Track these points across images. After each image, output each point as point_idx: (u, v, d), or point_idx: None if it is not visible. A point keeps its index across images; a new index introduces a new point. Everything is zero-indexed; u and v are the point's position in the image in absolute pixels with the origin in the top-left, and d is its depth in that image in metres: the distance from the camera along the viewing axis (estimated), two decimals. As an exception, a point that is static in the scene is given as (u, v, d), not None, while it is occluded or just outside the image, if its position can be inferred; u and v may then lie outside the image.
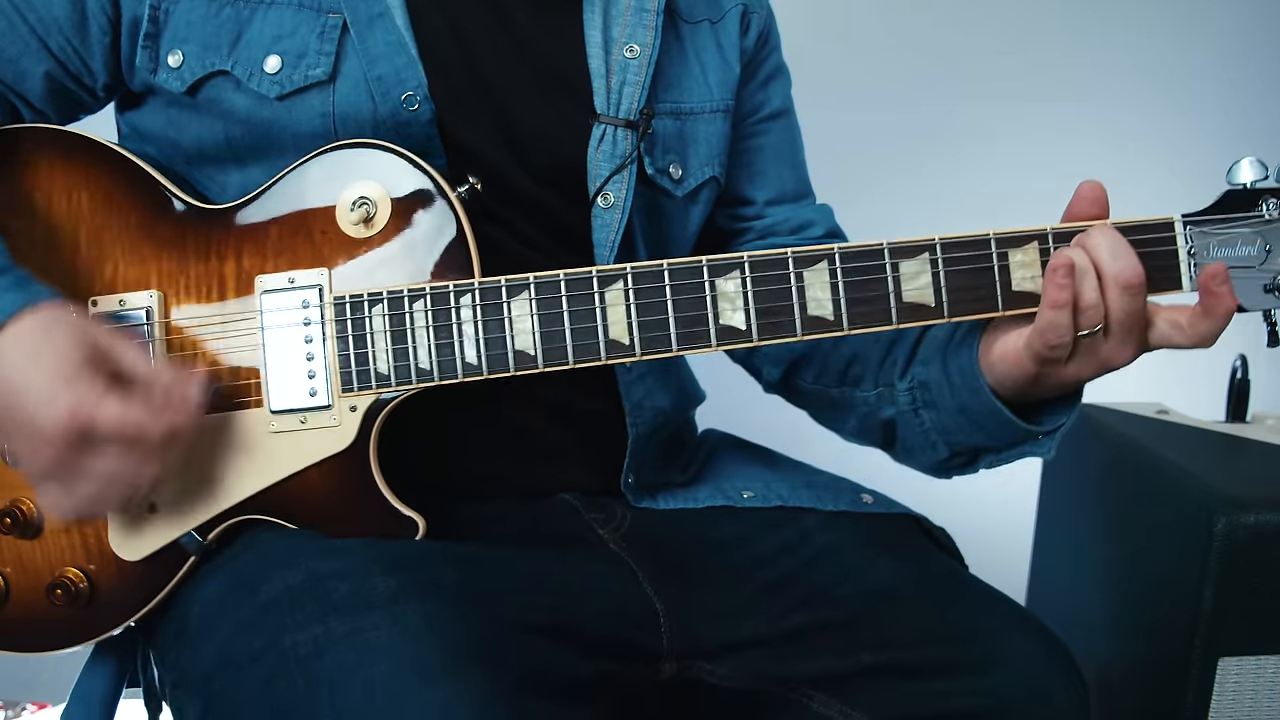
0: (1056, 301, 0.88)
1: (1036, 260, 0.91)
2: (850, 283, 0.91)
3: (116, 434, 0.82)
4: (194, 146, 1.01)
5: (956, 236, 0.92)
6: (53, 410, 0.80)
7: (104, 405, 0.81)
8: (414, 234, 0.93)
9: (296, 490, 0.94)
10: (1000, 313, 0.92)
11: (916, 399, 1.04)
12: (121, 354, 0.86)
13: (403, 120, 0.98)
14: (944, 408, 1.02)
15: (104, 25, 1.00)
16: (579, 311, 0.91)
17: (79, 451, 0.82)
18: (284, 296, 0.93)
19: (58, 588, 0.95)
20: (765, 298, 0.91)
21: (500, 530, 1.03)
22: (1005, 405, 0.96)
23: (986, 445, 1.02)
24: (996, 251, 0.91)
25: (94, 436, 0.81)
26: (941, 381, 1.01)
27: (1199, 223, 0.93)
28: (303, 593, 0.84)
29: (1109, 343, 0.90)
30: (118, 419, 0.81)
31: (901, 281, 0.91)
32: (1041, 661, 0.97)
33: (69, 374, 0.81)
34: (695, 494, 1.13)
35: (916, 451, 1.08)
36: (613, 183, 1.05)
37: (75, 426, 0.80)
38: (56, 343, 0.83)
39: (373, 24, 0.98)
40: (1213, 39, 2.19)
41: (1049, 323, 0.89)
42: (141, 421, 0.82)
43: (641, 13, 1.08)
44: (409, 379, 0.92)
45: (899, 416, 1.07)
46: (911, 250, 0.91)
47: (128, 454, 0.83)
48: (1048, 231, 0.92)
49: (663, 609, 0.98)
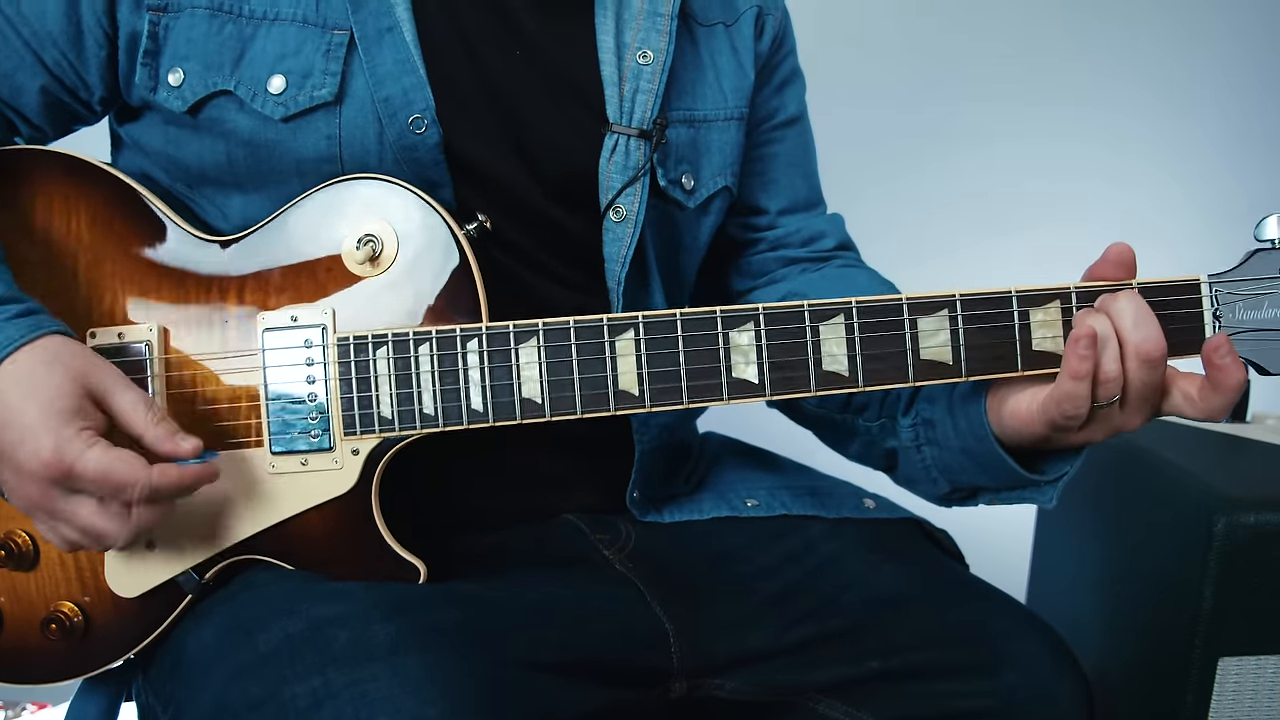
0: (1078, 373, 0.86)
1: (1058, 319, 0.89)
2: (867, 339, 0.89)
3: (95, 485, 0.82)
4: (195, 166, 0.98)
5: (977, 293, 0.89)
6: (37, 449, 0.81)
7: (87, 455, 0.81)
8: (421, 273, 0.91)
9: (296, 532, 0.92)
10: (1019, 373, 0.90)
11: (920, 435, 1.03)
12: (118, 402, 0.85)
13: (409, 144, 0.95)
14: (947, 447, 1.00)
15: (100, 39, 0.96)
16: (588, 360, 0.89)
17: (57, 495, 0.83)
18: (286, 335, 0.91)
19: (52, 622, 0.94)
20: (779, 351, 0.89)
21: (504, 557, 1.02)
22: (1010, 453, 0.95)
23: (987, 486, 1.01)
24: (1018, 310, 0.89)
25: (73, 484, 0.82)
26: (946, 422, 0.99)
27: (1225, 283, 0.90)
28: (302, 642, 0.83)
29: (1124, 411, 0.89)
30: (98, 471, 0.81)
31: (920, 339, 0.89)
32: (1045, 661, 0.98)
33: (61, 416, 0.82)
34: (700, 504, 1.12)
35: (917, 482, 1.07)
36: (625, 195, 1.02)
37: (56, 469, 0.81)
38: (55, 382, 0.83)
39: (381, 39, 0.95)
40: (1212, 43, 2.18)
41: (1067, 393, 0.87)
42: (123, 477, 0.82)
43: (655, 17, 1.05)
44: (413, 424, 0.90)
45: (901, 450, 1.06)
46: (930, 306, 0.89)
47: (106, 505, 0.83)
48: (1070, 290, 0.90)
49: (672, 629, 0.98)
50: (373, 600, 0.87)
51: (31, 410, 0.81)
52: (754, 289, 1.20)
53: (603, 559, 1.04)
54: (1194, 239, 2.04)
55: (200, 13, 0.94)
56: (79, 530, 0.84)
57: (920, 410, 1.03)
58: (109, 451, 0.82)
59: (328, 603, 0.87)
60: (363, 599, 0.87)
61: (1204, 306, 0.90)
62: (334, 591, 0.89)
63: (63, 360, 0.84)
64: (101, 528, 0.83)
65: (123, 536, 0.84)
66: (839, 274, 1.19)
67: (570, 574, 1.00)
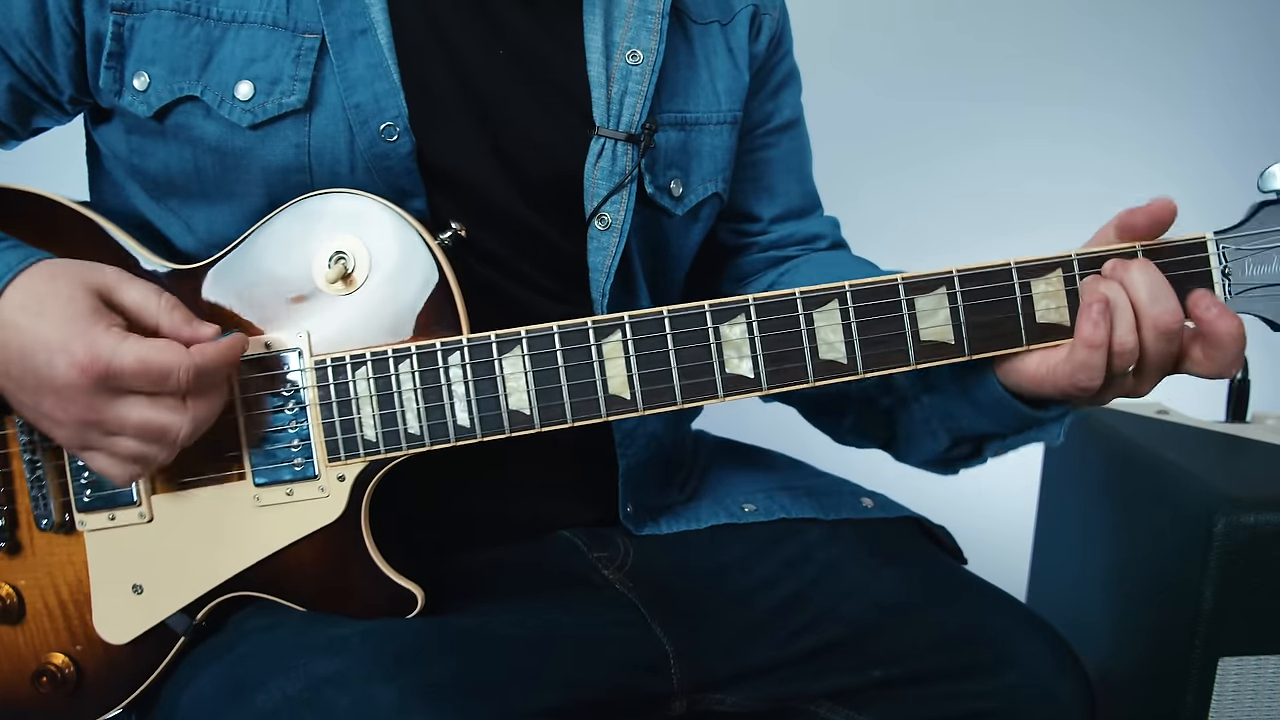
0: (1092, 341, 0.82)
1: (1061, 290, 0.86)
2: (864, 323, 0.85)
3: (138, 375, 0.78)
4: (161, 174, 0.95)
5: (974, 268, 0.86)
6: (68, 360, 0.78)
7: (121, 348, 0.78)
8: (396, 288, 0.88)
9: (287, 565, 0.89)
10: (1025, 347, 0.86)
11: (917, 382, 0.99)
12: (128, 297, 0.83)
13: (380, 152, 0.91)
14: (947, 392, 0.96)
15: (67, 37, 0.93)
16: (575, 366, 0.86)
17: (104, 402, 0.79)
18: (261, 361, 0.88)
19: (43, 674, 0.91)
20: (773, 343, 0.85)
21: (502, 579, 0.99)
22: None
23: (991, 431, 0.97)
24: (1018, 282, 0.86)
25: (116, 382, 0.79)
26: (944, 371, 0.95)
27: (1233, 239, 0.87)
28: (302, 705, 0.78)
29: (1138, 378, 0.86)
30: (136, 361, 0.78)
31: (918, 319, 0.85)
32: (1047, 660, 0.97)
33: (79, 322, 0.79)
34: (697, 512, 1.10)
35: (917, 442, 1.03)
36: (610, 203, 0.98)
37: (94, 372, 0.78)
38: (61, 292, 0.80)
39: (354, 42, 0.92)
40: (1210, 43, 2.18)
41: (1082, 363, 0.83)
42: (165, 362, 0.79)
43: (645, 15, 1.01)
44: (399, 445, 0.87)
45: (898, 405, 1.02)
46: (927, 285, 0.86)
47: (157, 398, 0.80)
48: (1072, 258, 0.86)
49: (672, 650, 0.96)
50: (371, 653, 0.82)
51: (50, 327, 0.79)
52: (743, 290, 1.17)
53: (602, 579, 1.01)
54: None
55: (166, 14, 0.90)
56: (137, 433, 0.80)
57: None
58: (142, 341, 0.79)
59: (326, 657, 0.82)
60: (361, 651, 0.83)
61: (1212, 265, 0.86)
62: (331, 642, 0.84)
63: (61, 273, 0.82)
64: (161, 421, 0.80)
65: (185, 428, 0.81)
66: (819, 256, 1.15)
67: (570, 598, 0.98)
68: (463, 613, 0.92)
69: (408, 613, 0.89)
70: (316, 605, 0.89)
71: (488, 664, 0.86)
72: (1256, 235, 0.87)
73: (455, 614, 0.91)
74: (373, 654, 0.83)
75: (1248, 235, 0.87)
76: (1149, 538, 1.46)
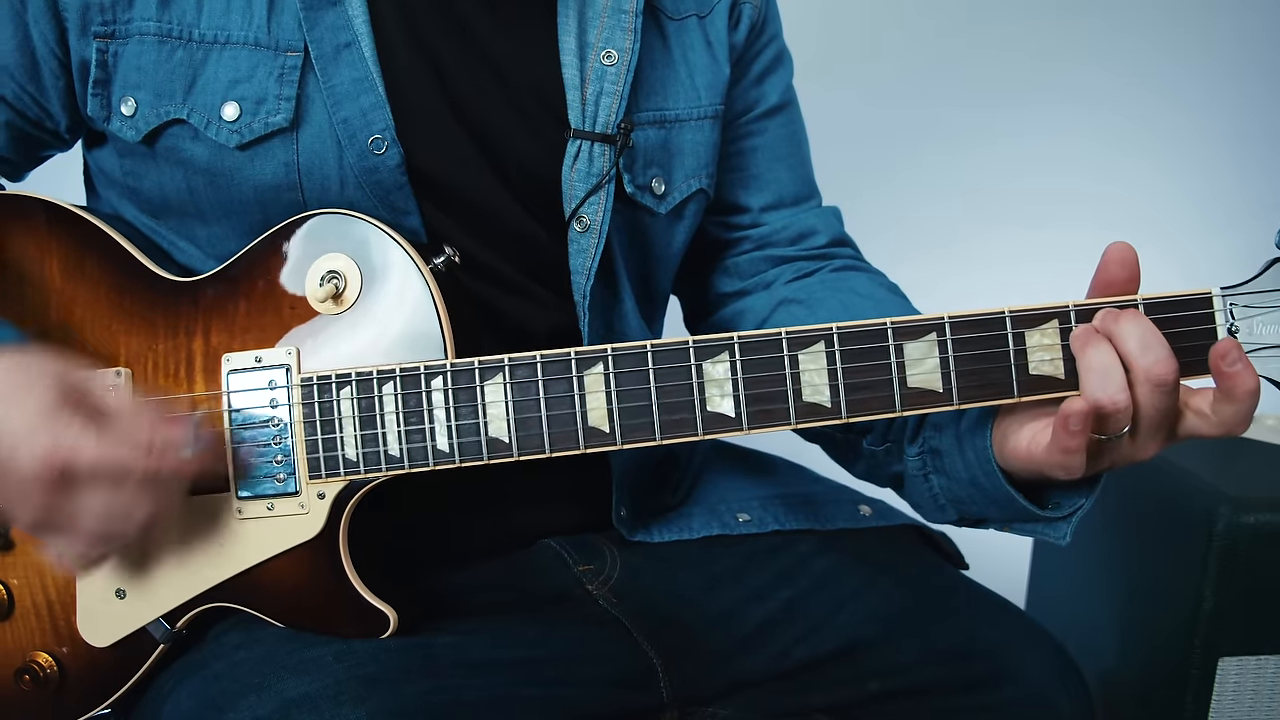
0: (1068, 448, 0.80)
1: (1057, 342, 0.83)
2: (850, 368, 0.84)
3: (97, 470, 0.78)
4: (156, 196, 0.96)
5: (967, 315, 0.84)
6: (30, 451, 0.77)
7: (82, 442, 0.77)
8: (386, 309, 0.88)
9: (265, 578, 0.89)
10: (1015, 399, 0.84)
11: (927, 464, 0.97)
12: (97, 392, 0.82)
13: (370, 165, 0.92)
14: (956, 478, 0.94)
15: (55, 69, 0.95)
16: (556, 398, 0.85)
17: (64, 493, 0.78)
18: (250, 376, 0.89)
19: (26, 672, 0.92)
20: (756, 383, 0.84)
21: (483, 600, 0.98)
22: (1022, 483, 0.89)
23: (998, 518, 0.95)
24: (1012, 332, 0.83)
25: (75, 476, 0.78)
26: (954, 452, 0.93)
27: (1241, 295, 0.83)
28: None
29: (1135, 441, 0.82)
30: (95, 455, 0.77)
31: (906, 366, 0.83)
32: (1046, 674, 0.95)
33: (45, 414, 0.78)
34: (690, 521, 1.08)
35: (923, 508, 1.01)
36: (589, 204, 0.98)
37: (55, 465, 0.77)
38: (30, 384, 0.79)
39: (338, 57, 0.92)
40: (1211, 41, 2.14)
41: (1059, 463, 0.81)
42: (122, 456, 0.78)
43: (619, 14, 1.00)
44: (378, 466, 0.87)
45: (908, 477, 1.00)
46: (917, 330, 0.84)
47: (117, 490, 0.79)
48: (1069, 309, 0.83)
49: (660, 665, 0.95)
50: (343, 674, 0.83)
51: (13, 417, 0.78)
52: (743, 291, 1.15)
53: (586, 595, 1.00)
54: (1193, 237, 1.99)
55: (149, 40, 0.92)
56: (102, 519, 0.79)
57: (928, 438, 0.97)
58: (102, 435, 0.78)
59: (297, 678, 0.83)
60: (333, 671, 0.83)
61: (1217, 322, 0.83)
62: (303, 663, 0.84)
63: (34, 363, 0.81)
64: (123, 504, 0.79)
65: (145, 509, 0.80)
66: (836, 279, 1.12)
67: (552, 616, 0.97)
68: (442, 633, 0.91)
69: (381, 633, 0.89)
70: (292, 621, 0.89)
71: (461, 685, 0.86)
72: (1270, 293, 0.84)
73: (433, 634, 0.91)
74: (344, 675, 0.83)
75: (1259, 293, 0.84)
76: (1149, 538, 1.47)
